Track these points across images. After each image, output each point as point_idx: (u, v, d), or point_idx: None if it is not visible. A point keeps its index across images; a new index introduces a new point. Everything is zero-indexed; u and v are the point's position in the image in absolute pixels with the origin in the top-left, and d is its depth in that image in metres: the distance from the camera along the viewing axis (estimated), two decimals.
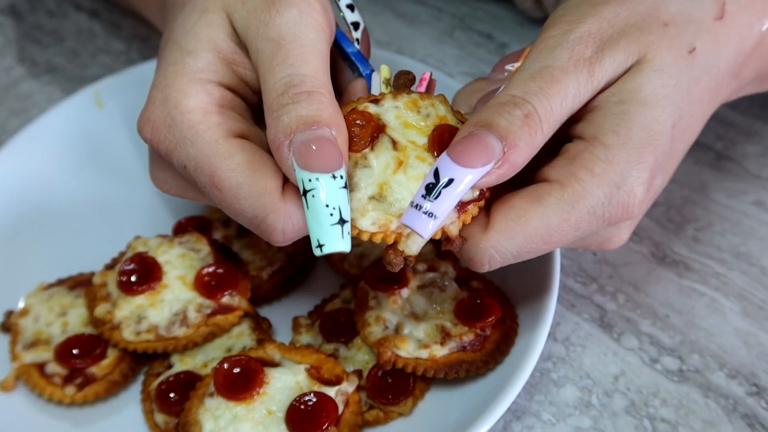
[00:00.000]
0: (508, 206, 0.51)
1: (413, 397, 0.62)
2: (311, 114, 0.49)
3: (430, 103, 0.55)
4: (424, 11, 1.02)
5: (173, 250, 0.69)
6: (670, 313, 0.70)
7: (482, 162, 0.48)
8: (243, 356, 0.61)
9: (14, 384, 0.66)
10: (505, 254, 0.51)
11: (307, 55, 0.52)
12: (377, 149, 0.52)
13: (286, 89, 0.51)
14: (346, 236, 0.49)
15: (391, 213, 0.50)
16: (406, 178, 0.51)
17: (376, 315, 0.63)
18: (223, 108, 0.55)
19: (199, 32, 0.55)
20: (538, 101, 0.49)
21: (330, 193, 0.48)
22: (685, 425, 0.63)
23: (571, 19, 0.52)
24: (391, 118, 0.54)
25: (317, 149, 0.48)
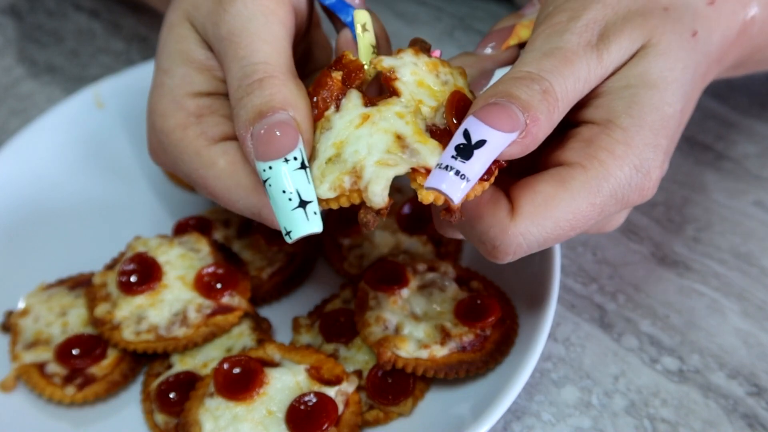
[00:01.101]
0: (532, 191, 0.50)
1: (413, 397, 0.62)
2: (264, 101, 0.50)
3: (450, 71, 0.53)
4: (424, 11, 1.02)
5: (173, 250, 0.69)
6: (670, 313, 0.70)
7: (510, 127, 0.47)
8: (243, 356, 0.61)
9: (14, 384, 0.66)
10: (532, 242, 0.50)
11: (256, 43, 0.52)
12: (343, 108, 0.51)
13: (240, 83, 0.51)
14: (313, 217, 0.48)
15: (344, 171, 0.48)
16: (371, 130, 0.49)
17: (376, 315, 0.63)
18: (202, 117, 0.56)
19: (171, 48, 0.57)
20: (554, 78, 0.49)
21: (283, 178, 0.48)
22: (685, 425, 0.63)
23: (576, 6, 0.52)
24: (406, 73, 0.52)
25: (270, 137, 0.48)
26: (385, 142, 0.48)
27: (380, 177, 0.47)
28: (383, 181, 0.47)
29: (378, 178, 0.47)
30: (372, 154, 0.48)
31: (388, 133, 0.49)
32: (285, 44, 0.53)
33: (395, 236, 0.72)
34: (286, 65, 0.52)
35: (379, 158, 0.48)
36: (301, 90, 0.52)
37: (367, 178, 0.47)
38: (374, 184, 0.47)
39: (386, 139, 0.48)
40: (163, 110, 0.56)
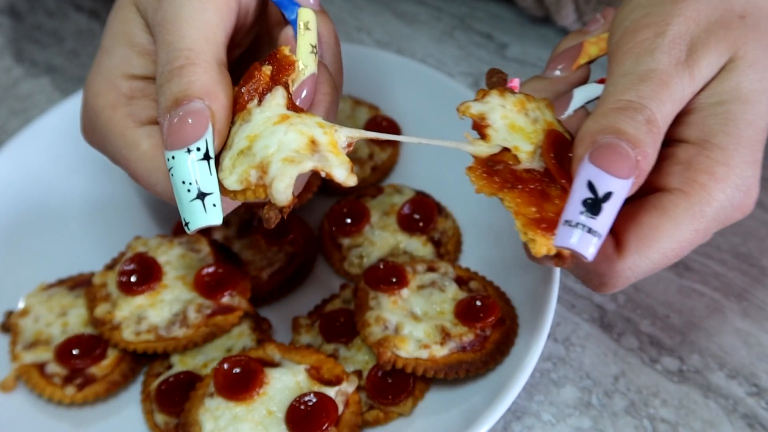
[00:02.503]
0: (636, 224, 0.49)
1: (413, 397, 0.62)
2: (182, 89, 0.49)
3: (537, 106, 0.52)
4: (424, 11, 1.02)
5: (173, 250, 0.69)
6: (670, 313, 0.70)
7: (629, 172, 0.45)
8: (243, 356, 0.61)
9: (14, 384, 0.66)
10: (639, 274, 0.49)
11: (184, 30, 0.51)
12: (266, 103, 0.50)
13: (163, 69, 0.51)
14: (211, 209, 0.47)
15: (252, 165, 0.47)
16: (286, 129, 0.48)
17: (376, 315, 0.63)
18: (134, 99, 0.55)
19: (115, 29, 0.57)
20: (655, 106, 0.47)
21: (183, 168, 0.48)
22: (685, 425, 0.63)
23: (658, 20, 0.50)
24: (497, 119, 0.51)
25: (180, 126, 0.48)
26: (297, 142, 0.48)
27: (284, 174, 0.46)
28: (287, 179, 0.46)
29: (282, 175, 0.46)
30: (281, 151, 0.47)
31: (304, 135, 0.48)
32: (216, 32, 0.53)
33: (395, 236, 0.72)
34: (213, 53, 0.51)
35: (287, 155, 0.47)
36: (223, 80, 0.51)
37: (272, 174, 0.47)
38: (278, 180, 0.46)
39: (299, 139, 0.48)
40: (96, 89, 0.56)
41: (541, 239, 0.46)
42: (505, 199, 0.49)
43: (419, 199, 0.74)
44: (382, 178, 0.80)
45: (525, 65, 0.93)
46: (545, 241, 0.46)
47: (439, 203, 0.75)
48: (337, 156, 0.48)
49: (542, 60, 0.93)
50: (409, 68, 0.85)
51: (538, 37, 0.97)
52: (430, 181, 0.77)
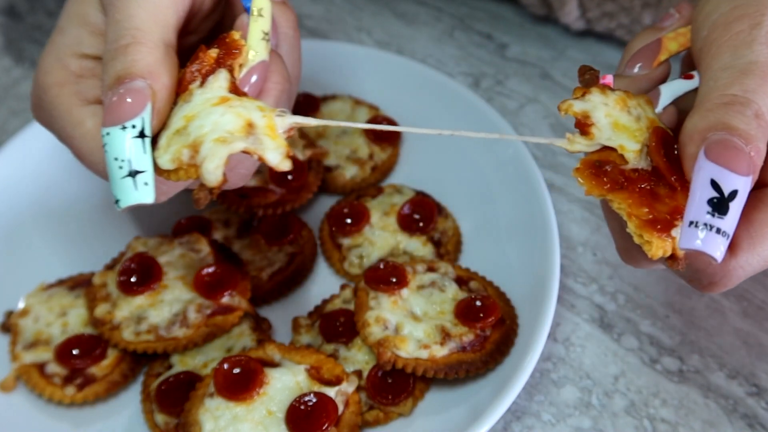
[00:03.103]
0: (746, 222, 0.47)
1: (413, 397, 0.62)
2: (125, 67, 0.49)
3: (637, 103, 0.50)
4: (424, 11, 1.02)
5: (173, 250, 0.69)
6: (670, 313, 0.70)
7: (749, 168, 0.44)
8: (243, 356, 0.61)
9: (14, 384, 0.66)
10: (750, 271, 0.48)
11: (132, 9, 0.51)
12: (207, 84, 0.50)
13: (109, 47, 0.51)
14: (143, 187, 0.47)
15: (185, 144, 0.47)
16: (224, 110, 0.48)
17: (376, 315, 0.63)
18: (82, 78, 0.55)
19: (71, 10, 0.57)
20: (761, 99, 0.46)
21: (117, 145, 0.47)
22: (685, 425, 0.63)
23: (751, 12, 0.49)
24: (600, 117, 0.49)
25: (119, 104, 0.48)
26: (233, 123, 0.47)
27: (215, 154, 0.46)
28: (217, 159, 0.46)
29: (213, 155, 0.46)
30: (214, 132, 0.47)
31: (241, 117, 0.47)
32: (166, 13, 0.52)
33: (395, 236, 0.72)
34: (160, 34, 0.51)
35: (219, 136, 0.46)
36: (168, 61, 0.51)
37: (203, 154, 0.46)
38: (209, 161, 0.46)
39: (236, 121, 0.47)
40: (46, 66, 0.56)
41: (658, 241, 0.45)
42: (614, 200, 0.47)
43: (419, 199, 0.74)
44: (382, 178, 0.80)
45: (525, 65, 0.93)
46: (661, 243, 0.45)
47: (439, 203, 0.75)
48: (273, 139, 0.47)
49: (542, 60, 0.94)
50: (409, 68, 0.85)
51: (538, 37, 0.97)
52: (430, 181, 0.77)
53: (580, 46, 0.95)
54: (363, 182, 0.78)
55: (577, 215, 0.78)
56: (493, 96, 0.90)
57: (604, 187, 0.47)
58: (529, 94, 0.90)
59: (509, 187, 0.74)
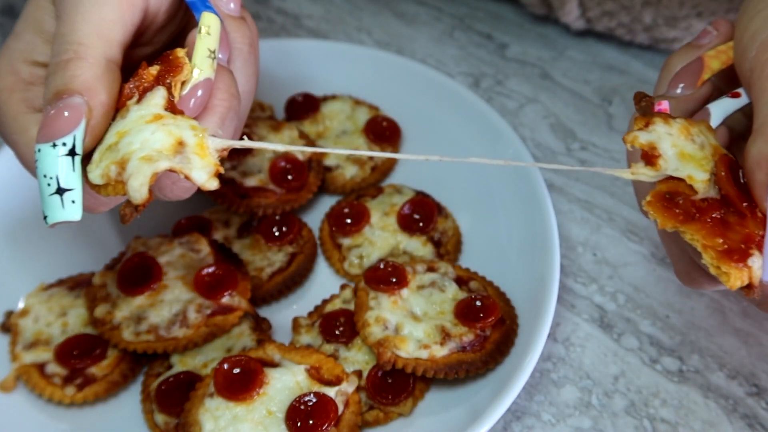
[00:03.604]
0: None
1: (413, 397, 0.62)
2: (64, 82, 0.49)
3: (699, 130, 0.50)
4: (424, 11, 1.02)
5: (173, 250, 0.69)
6: (670, 313, 0.70)
7: None
8: (243, 356, 0.61)
9: (14, 384, 0.66)
10: None
11: (78, 23, 0.51)
12: (144, 101, 0.49)
13: (52, 60, 0.51)
14: (69, 206, 0.47)
15: (114, 161, 0.47)
16: (156, 128, 0.47)
17: (376, 315, 0.63)
18: (32, 84, 0.55)
19: (28, 16, 0.57)
20: None
21: (47, 162, 0.47)
22: (685, 425, 0.63)
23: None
24: (667, 148, 0.49)
25: (54, 120, 0.48)
26: (162, 142, 0.47)
27: (140, 172, 0.46)
28: (141, 177, 0.46)
29: (138, 172, 0.46)
30: (142, 150, 0.47)
31: (171, 136, 0.47)
32: (112, 29, 0.52)
33: (395, 236, 0.72)
34: (103, 50, 0.51)
35: (146, 154, 0.47)
36: (108, 77, 0.50)
37: (129, 171, 0.46)
38: (134, 178, 0.46)
39: (165, 140, 0.47)
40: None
41: (736, 272, 0.45)
42: (687, 232, 0.47)
43: (419, 199, 0.74)
44: (382, 178, 0.80)
45: (525, 65, 0.93)
46: (739, 273, 0.45)
47: (439, 203, 0.75)
48: (202, 158, 0.48)
49: (542, 60, 0.94)
50: (409, 68, 0.85)
51: (538, 37, 0.97)
52: (430, 181, 0.77)
53: (580, 46, 0.95)
54: (363, 182, 0.78)
55: (577, 215, 0.78)
56: (493, 96, 0.90)
57: (677, 219, 0.47)
58: (529, 94, 0.90)
59: (509, 187, 0.74)
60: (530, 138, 0.85)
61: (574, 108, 0.88)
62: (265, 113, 0.83)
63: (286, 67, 0.87)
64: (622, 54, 0.94)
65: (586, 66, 0.93)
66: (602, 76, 0.91)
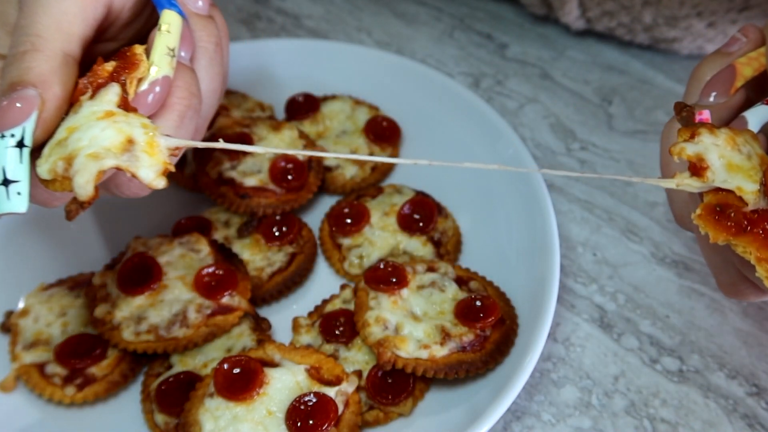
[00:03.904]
0: None
1: (413, 397, 0.62)
2: (19, 74, 0.49)
3: (745, 140, 0.49)
4: (424, 11, 1.02)
5: (173, 250, 0.69)
6: (670, 313, 0.70)
7: None
8: (243, 356, 0.61)
9: (14, 384, 0.66)
10: None
11: (38, 15, 0.51)
12: (97, 97, 0.49)
13: (9, 51, 0.50)
14: (15, 197, 0.47)
15: (61, 156, 0.47)
16: (106, 125, 0.47)
17: (376, 315, 0.63)
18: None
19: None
20: None
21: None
22: (685, 425, 0.63)
23: None
24: (714, 159, 0.48)
25: (6, 110, 0.47)
26: (111, 139, 0.47)
27: (86, 169, 0.46)
28: (87, 174, 0.46)
29: (84, 170, 0.46)
30: (90, 147, 0.46)
31: (121, 133, 0.47)
32: (72, 22, 0.51)
33: (395, 236, 0.72)
34: (61, 43, 0.51)
35: (93, 151, 0.46)
36: (64, 70, 0.50)
37: (75, 168, 0.46)
38: (79, 175, 0.46)
39: (115, 137, 0.47)
40: None
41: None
42: (739, 244, 0.47)
43: (419, 199, 0.74)
44: (382, 178, 0.80)
45: (525, 65, 0.93)
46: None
47: (439, 203, 0.75)
48: (151, 156, 0.47)
49: (542, 60, 0.94)
50: (409, 68, 0.85)
51: (538, 37, 0.97)
52: (430, 181, 0.77)
53: (580, 46, 0.95)
54: (363, 182, 0.78)
55: (577, 215, 0.78)
56: (493, 96, 0.90)
57: (729, 232, 0.46)
58: (529, 94, 0.90)
59: (509, 187, 0.74)
60: (530, 138, 0.85)
61: (574, 108, 0.88)
62: (265, 113, 0.83)
63: (286, 67, 0.87)
64: (622, 54, 0.94)
65: (586, 66, 0.93)
66: (602, 76, 0.91)
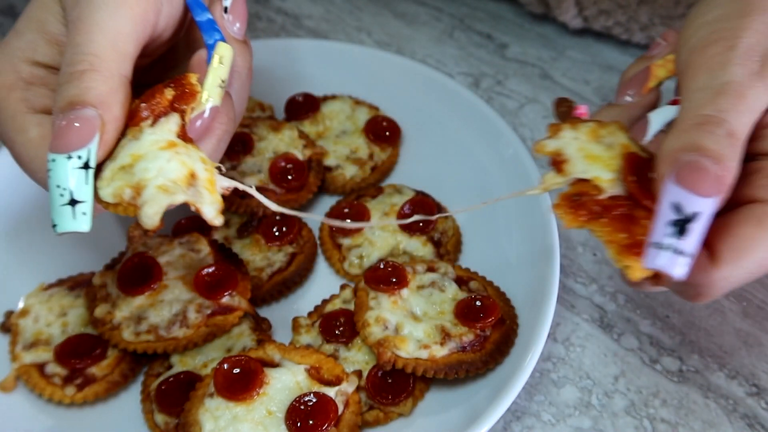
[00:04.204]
0: (731, 236, 0.49)
1: (413, 397, 0.62)
2: (78, 93, 0.49)
3: (609, 131, 0.52)
4: (424, 11, 1.02)
5: (173, 250, 0.69)
6: (670, 313, 0.70)
7: (716, 189, 0.46)
8: (243, 357, 0.61)
9: (14, 384, 0.66)
10: (734, 283, 0.50)
11: (94, 34, 0.51)
12: (158, 126, 0.51)
13: (66, 69, 0.51)
14: (80, 217, 0.49)
15: (129, 183, 0.49)
16: (170, 156, 0.49)
17: (376, 315, 0.63)
18: (32, 84, 0.56)
19: (31, 14, 0.57)
20: (734, 118, 0.48)
21: (61, 173, 0.48)
22: (685, 425, 0.63)
23: (727, 35, 0.51)
24: (573, 152, 0.52)
25: (67, 130, 0.48)
26: (177, 172, 0.49)
27: (156, 201, 0.48)
28: (157, 206, 0.48)
29: (154, 201, 0.48)
30: (158, 178, 0.49)
31: (185, 167, 0.49)
32: (126, 42, 0.53)
33: (395, 236, 0.72)
34: (117, 62, 0.52)
35: (163, 183, 0.48)
36: (121, 92, 0.51)
37: (145, 198, 0.48)
38: (149, 206, 0.48)
39: (180, 170, 0.49)
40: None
41: (636, 264, 0.46)
42: (594, 229, 0.49)
43: (419, 199, 0.74)
44: (382, 178, 0.80)
45: (525, 65, 0.93)
46: (640, 265, 0.46)
47: (439, 203, 0.75)
48: (212, 194, 0.50)
49: (542, 60, 0.94)
50: (409, 68, 0.85)
51: (538, 37, 0.97)
52: (430, 181, 0.77)
53: (579, 46, 0.95)
54: (363, 182, 0.78)
55: None
56: (493, 96, 0.90)
57: (582, 219, 0.49)
58: (529, 94, 0.90)
59: (509, 187, 0.74)
60: (530, 138, 0.85)
61: None
62: (265, 113, 0.83)
63: (286, 67, 0.87)
64: (622, 54, 0.94)
65: (585, 66, 0.93)
66: (602, 76, 0.91)
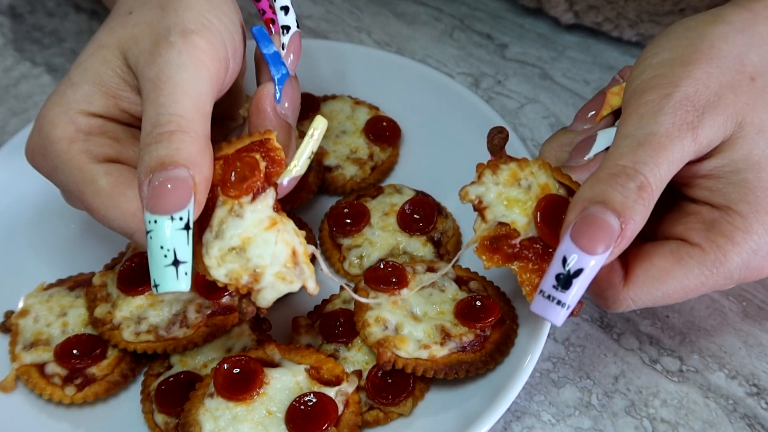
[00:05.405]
0: (648, 263, 0.53)
1: (413, 397, 0.62)
2: (169, 154, 0.50)
3: (530, 171, 0.55)
4: (424, 11, 1.02)
5: None
6: (670, 313, 0.70)
7: (606, 246, 0.49)
8: (243, 357, 0.61)
9: (14, 384, 0.66)
10: (641, 304, 0.54)
11: (178, 95, 0.52)
12: (258, 202, 0.53)
13: (152, 129, 0.52)
14: (183, 277, 0.50)
15: (245, 268, 0.52)
16: (276, 238, 0.53)
17: (376, 315, 0.63)
18: (91, 135, 0.57)
19: (88, 66, 0.58)
20: (650, 171, 0.49)
21: (165, 235, 0.49)
22: (685, 425, 0.63)
23: (665, 82, 0.52)
24: (492, 198, 0.55)
25: (164, 190, 0.49)
26: (285, 254, 0.53)
27: (275, 289, 0.53)
28: (275, 293, 0.53)
29: (273, 289, 0.53)
30: (273, 265, 0.53)
31: (288, 246, 0.53)
32: (207, 101, 0.54)
33: (395, 236, 0.72)
34: (201, 123, 0.53)
35: (278, 271, 0.53)
36: (207, 151, 0.52)
37: (264, 284, 0.53)
38: (268, 292, 0.53)
39: (286, 251, 0.53)
40: (53, 119, 0.57)
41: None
42: (513, 269, 0.54)
43: (419, 199, 0.74)
44: (382, 178, 0.80)
45: (525, 65, 0.93)
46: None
47: (439, 203, 0.75)
48: (309, 267, 0.54)
49: (542, 60, 0.94)
50: (409, 68, 0.85)
51: (538, 38, 0.97)
52: (430, 181, 0.77)
53: (579, 46, 0.95)
54: (363, 182, 0.78)
55: None
56: (493, 96, 0.90)
57: (498, 261, 0.55)
58: (529, 94, 0.90)
59: None
60: (530, 138, 0.85)
61: (574, 108, 0.88)
62: None
63: None
64: (622, 54, 0.94)
65: (585, 66, 0.93)
66: (602, 77, 0.91)
